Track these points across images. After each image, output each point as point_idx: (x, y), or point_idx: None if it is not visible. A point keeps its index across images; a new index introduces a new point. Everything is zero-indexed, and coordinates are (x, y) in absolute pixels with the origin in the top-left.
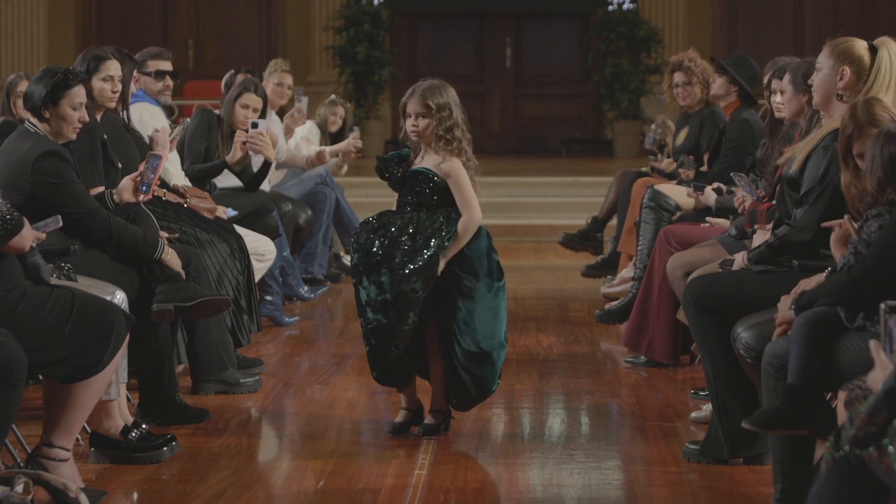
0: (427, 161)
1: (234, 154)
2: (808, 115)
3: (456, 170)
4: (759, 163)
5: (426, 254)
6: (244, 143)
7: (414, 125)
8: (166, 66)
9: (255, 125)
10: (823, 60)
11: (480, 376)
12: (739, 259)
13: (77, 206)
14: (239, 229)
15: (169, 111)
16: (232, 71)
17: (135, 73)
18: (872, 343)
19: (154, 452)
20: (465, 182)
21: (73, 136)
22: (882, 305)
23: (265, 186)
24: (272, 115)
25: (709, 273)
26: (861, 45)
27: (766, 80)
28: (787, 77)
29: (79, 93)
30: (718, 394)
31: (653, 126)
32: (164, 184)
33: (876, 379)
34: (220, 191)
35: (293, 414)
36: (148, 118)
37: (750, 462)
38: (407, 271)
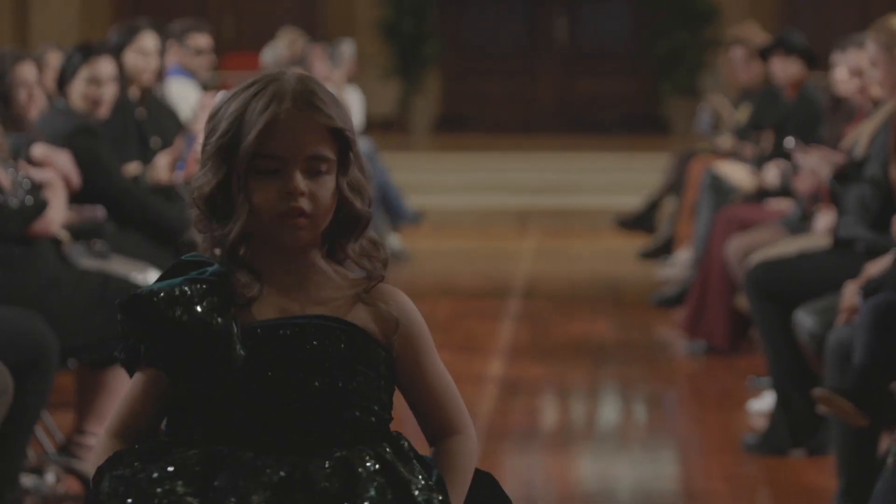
0: (327, 303)
1: None
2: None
3: (413, 315)
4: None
5: None
6: None
7: (300, 194)
8: (206, 39)
9: None
10: (877, 53)
11: None
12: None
13: (110, 185)
14: None
15: (203, 86)
16: (308, 40)
17: (174, 46)
18: None
19: None
20: (432, 343)
21: (100, 115)
22: None
23: None
24: (348, 87)
25: (771, 258)
26: None
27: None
28: (871, 46)
29: (97, 67)
30: (779, 381)
31: (703, 109)
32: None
33: None
34: None
35: None
36: (183, 94)
37: (813, 452)
38: None
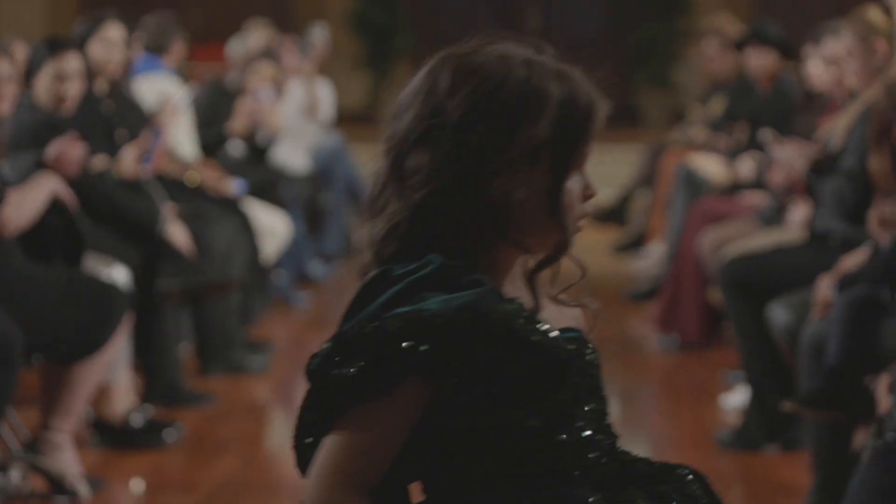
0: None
1: (235, 123)
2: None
3: None
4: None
5: None
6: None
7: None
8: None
9: (257, 94)
10: (853, 44)
11: None
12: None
13: (76, 180)
14: (249, 203)
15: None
16: (277, 31)
17: (178, 42)
18: None
19: (156, 437)
20: None
21: (65, 111)
22: None
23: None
24: (320, 80)
25: (745, 252)
26: (875, 12)
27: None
28: (847, 36)
29: (63, 63)
30: (753, 376)
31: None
32: (169, 156)
33: None
34: (232, 161)
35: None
36: (161, 89)
37: (787, 448)
38: None
